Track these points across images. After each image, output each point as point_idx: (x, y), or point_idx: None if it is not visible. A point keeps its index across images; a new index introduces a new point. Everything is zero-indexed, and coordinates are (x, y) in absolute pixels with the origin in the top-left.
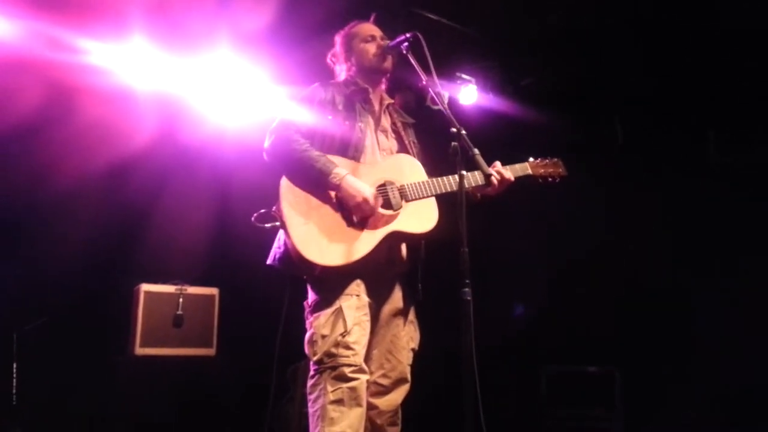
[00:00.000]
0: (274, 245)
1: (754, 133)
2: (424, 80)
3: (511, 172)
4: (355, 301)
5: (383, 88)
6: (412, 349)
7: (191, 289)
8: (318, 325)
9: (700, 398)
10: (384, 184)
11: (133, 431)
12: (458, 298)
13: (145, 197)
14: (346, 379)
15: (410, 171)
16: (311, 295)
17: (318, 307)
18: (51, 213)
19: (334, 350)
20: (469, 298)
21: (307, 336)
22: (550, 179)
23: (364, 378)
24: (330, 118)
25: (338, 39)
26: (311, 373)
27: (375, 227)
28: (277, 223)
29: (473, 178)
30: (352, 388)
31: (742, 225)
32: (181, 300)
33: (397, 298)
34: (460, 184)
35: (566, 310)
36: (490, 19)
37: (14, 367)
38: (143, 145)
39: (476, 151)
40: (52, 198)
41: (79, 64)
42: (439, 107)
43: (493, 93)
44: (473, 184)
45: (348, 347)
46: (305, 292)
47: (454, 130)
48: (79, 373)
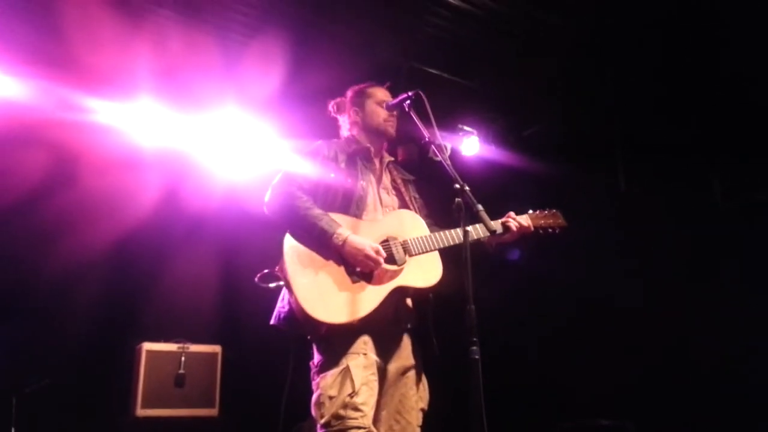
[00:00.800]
0: (278, 304)
1: (759, 173)
2: (427, 136)
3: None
4: (362, 360)
5: (384, 147)
6: (422, 409)
7: (194, 347)
8: (325, 386)
9: None
10: (386, 240)
11: None
12: (466, 357)
13: (149, 256)
14: None
15: (412, 226)
16: (317, 356)
17: (324, 367)
18: (53, 273)
19: (342, 412)
20: (477, 356)
21: (314, 398)
22: (550, 230)
23: None
24: (333, 175)
25: (350, 93)
26: None
27: (380, 283)
28: (281, 283)
29: (478, 232)
30: None
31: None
32: (184, 358)
33: (404, 356)
34: (465, 240)
35: (577, 364)
36: (491, 72)
37: None
38: (148, 203)
39: (480, 207)
40: (54, 259)
41: (86, 123)
42: (441, 161)
43: (495, 144)
44: (476, 238)
45: (356, 409)
46: (309, 352)
47: (457, 186)
48: None
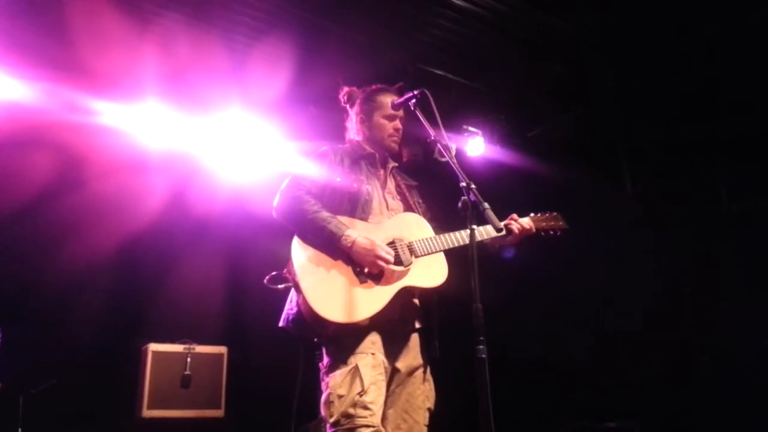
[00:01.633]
0: (286, 306)
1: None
2: (432, 135)
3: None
4: (370, 360)
5: (388, 153)
6: (429, 409)
7: (199, 348)
8: (334, 385)
9: None
10: (393, 242)
11: None
12: (473, 357)
13: (155, 258)
14: None
15: (417, 228)
16: (325, 357)
17: (333, 367)
18: (59, 275)
19: (351, 411)
20: (484, 356)
21: (323, 397)
22: (551, 232)
23: None
24: (339, 179)
25: (360, 95)
26: None
27: (387, 283)
28: (290, 284)
29: (483, 232)
30: None
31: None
32: (189, 359)
33: (411, 356)
34: (471, 239)
35: (583, 365)
36: (496, 73)
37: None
38: (155, 205)
39: (486, 206)
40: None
41: (93, 125)
42: (447, 160)
43: (500, 145)
44: (481, 238)
45: (365, 407)
46: (317, 354)
47: (463, 184)
48: None
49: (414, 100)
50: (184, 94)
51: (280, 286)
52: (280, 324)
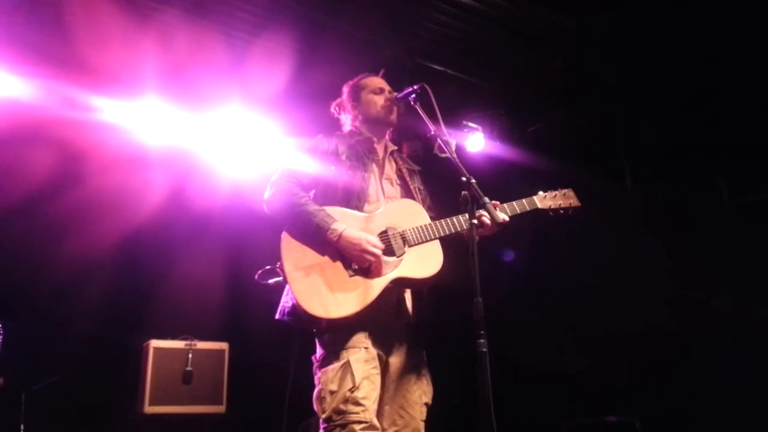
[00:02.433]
0: (282, 299)
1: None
2: (432, 130)
3: (518, 207)
4: (363, 354)
5: (388, 137)
6: (425, 404)
7: (201, 344)
8: (326, 381)
9: None
10: (385, 231)
11: None
12: (471, 351)
13: (156, 254)
14: None
15: (412, 215)
16: (319, 350)
17: (325, 362)
18: (60, 271)
19: (342, 407)
20: (484, 349)
21: (315, 393)
22: (561, 212)
23: None
24: (333, 168)
25: (346, 89)
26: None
27: (378, 275)
28: (281, 279)
29: (462, 222)
30: None
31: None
32: (191, 355)
33: (406, 350)
34: (473, 234)
35: (582, 360)
36: (496, 68)
37: (21, 429)
38: (154, 201)
39: (487, 200)
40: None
41: (92, 121)
42: (447, 155)
43: (499, 140)
44: (459, 228)
45: (357, 403)
46: (314, 346)
47: (464, 179)
48: None
49: (414, 95)
50: (184, 90)
51: (270, 281)
52: (276, 316)
